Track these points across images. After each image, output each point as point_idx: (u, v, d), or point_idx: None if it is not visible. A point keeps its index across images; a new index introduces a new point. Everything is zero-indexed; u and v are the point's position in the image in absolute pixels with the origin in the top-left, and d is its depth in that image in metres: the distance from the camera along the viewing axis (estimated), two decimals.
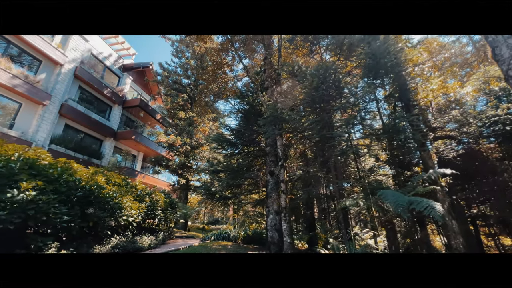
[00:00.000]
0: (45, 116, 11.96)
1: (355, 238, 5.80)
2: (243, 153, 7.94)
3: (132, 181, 7.78)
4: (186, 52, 19.27)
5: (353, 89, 5.95)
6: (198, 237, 11.09)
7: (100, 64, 16.57)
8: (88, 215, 4.90)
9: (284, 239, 5.41)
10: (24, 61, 11.93)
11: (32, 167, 4.36)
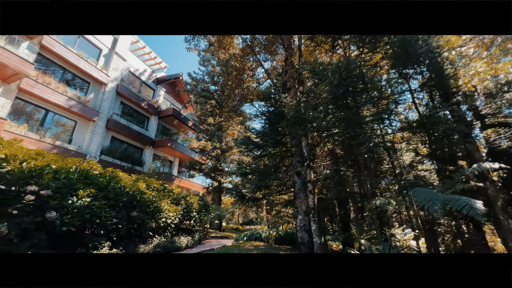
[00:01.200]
0: (95, 130, 13.59)
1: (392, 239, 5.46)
2: (269, 155, 8.05)
3: (169, 185, 8.44)
4: (212, 60, 20.14)
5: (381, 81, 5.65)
6: (232, 238, 11.49)
7: (137, 80, 18.22)
8: (133, 218, 5.50)
9: (314, 239, 5.36)
10: (76, 84, 13.74)
11: (86, 177, 5.06)
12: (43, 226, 3.84)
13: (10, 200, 3.54)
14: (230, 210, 18.91)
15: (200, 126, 19.73)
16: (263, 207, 16.90)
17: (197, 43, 9.39)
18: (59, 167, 4.58)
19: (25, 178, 3.78)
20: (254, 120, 13.59)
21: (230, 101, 13.42)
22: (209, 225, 15.44)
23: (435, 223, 5.13)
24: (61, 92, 11.90)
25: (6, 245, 3.35)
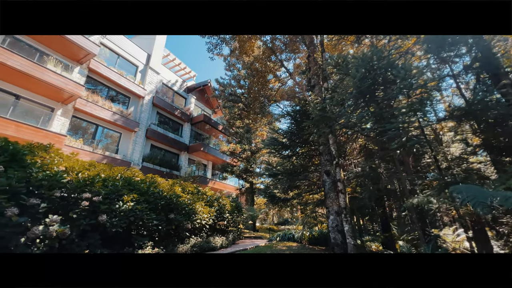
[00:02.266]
0: (137, 140, 14.97)
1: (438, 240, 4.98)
2: (297, 155, 7.96)
3: (203, 188, 8.92)
4: (237, 63, 20.63)
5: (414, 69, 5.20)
6: (265, 238, 11.61)
7: (170, 91, 19.55)
8: (171, 220, 5.95)
9: (348, 240, 5.16)
10: (119, 100, 15.32)
11: (129, 183, 5.64)
12: (97, 227, 4.41)
13: (71, 206, 4.15)
14: (263, 211, 19.08)
15: (230, 130, 20.34)
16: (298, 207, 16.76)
17: (219, 50, 9.75)
18: (107, 175, 5.20)
19: (81, 187, 4.39)
20: (280, 121, 13.56)
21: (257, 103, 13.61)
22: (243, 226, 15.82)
23: (484, 224, 4.53)
24: (107, 108, 13.40)
25: (69, 244, 3.94)
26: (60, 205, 3.98)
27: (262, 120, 16.14)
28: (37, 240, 3.50)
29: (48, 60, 10.83)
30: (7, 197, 3.28)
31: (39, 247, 3.49)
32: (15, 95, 10.04)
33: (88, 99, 12.51)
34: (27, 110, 10.25)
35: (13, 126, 8.59)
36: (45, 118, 10.58)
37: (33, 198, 3.58)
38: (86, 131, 13.14)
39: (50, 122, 10.68)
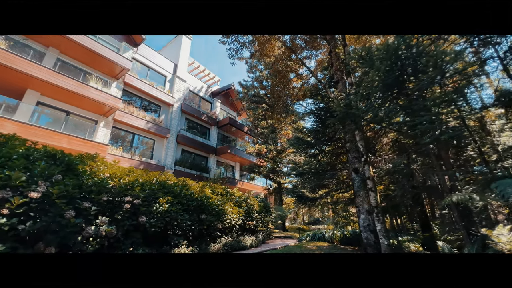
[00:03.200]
0: (169, 145, 15.95)
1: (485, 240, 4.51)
2: (323, 153, 7.81)
3: (232, 189, 9.20)
4: (259, 65, 20.83)
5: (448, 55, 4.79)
6: (295, 238, 11.55)
7: (196, 97, 20.46)
8: (202, 220, 6.29)
9: (381, 240, 4.94)
10: (151, 109, 16.49)
11: (164, 186, 6.09)
12: (138, 227, 4.87)
13: (116, 208, 4.65)
14: (292, 210, 18.94)
15: (255, 131, 20.60)
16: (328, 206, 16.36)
17: (240, 55, 9.99)
18: (144, 180, 5.69)
19: (123, 191, 4.88)
20: (305, 119, 13.38)
21: (280, 102, 13.61)
22: (272, 226, 15.90)
23: None
24: (141, 117, 14.52)
25: (116, 242, 4.41)
26: (107, 208, 4.48)
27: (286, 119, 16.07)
28: (91, 239, 4.00)
29: (91, 78, 12.12)
30: (66, 202, 3.80)
31: (93, 244, 3.98)
32: (66, 112, 11.43)
33: (125, 110, 13.70)
34: (76, 124, 11.59)
35: (66, 139, 9.79)
36: (90, 130, 11.86)
37: (85, 202, 4.10)
38: (125, 139, 14.40)
39: (95, 134, 11.94)
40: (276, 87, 12.83)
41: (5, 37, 9.94)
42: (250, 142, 23.74)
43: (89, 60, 12.41)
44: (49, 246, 3.49)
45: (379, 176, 5.95)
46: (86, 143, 10.35)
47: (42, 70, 9.86)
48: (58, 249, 3.60)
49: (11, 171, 3.42)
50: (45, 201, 3.62)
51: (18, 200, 3.25)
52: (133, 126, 14.06)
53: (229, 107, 23.71)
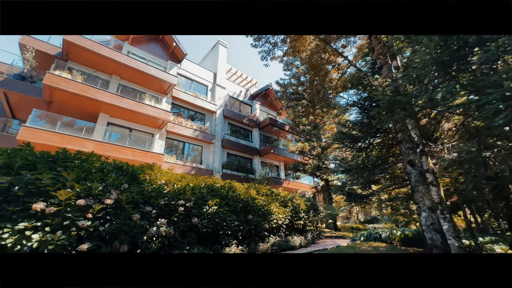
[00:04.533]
0: (215, 150, 16.95)
1: None
2: (371, 146, 7.18)
3: (277, 189, 9.26)
4: (295, 61, 20.43)
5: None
6: (348, 237, 10.90)
7: (236, 101, 21.24)
8: (249, 220, 6.50)
9: (449, 241, 4.27)
10: (197, 118, 17.80)
11: (212, 189, 6.52)
12: (192, 228, 5.33)
13: (172, 211, 5.19)
14: (343, 208, 17.91)
15: (296, 128, 20.24)
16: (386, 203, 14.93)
17: (272, 55, 9.97)
18: (194, 185, 6.19)
19: (176, 195, 5.42)
20: (347, 112, 12.50)
21: (319, 96, 13.10)
22: (322, 225, 15.34)
23: None
24: (189, 127, 15.82)
25: (174, 242, 4.92)
26: (164, 211, 5.04)
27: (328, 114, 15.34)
28: (153, 238, 4.56)
29: (145, 97, 13.79)
30: (132, 206, 4.44)
31: (156, 243, 4.53)
32: (129, 128, 13.27)
33: (175, 122, 15.15)
34: (137, 138, 13.34)
35: (130, 152, 11.36)
36: (149, 142, 13.48)
37: (147, 206, 4.70)
38: (177, 148, 15.90)
39: (152, 145, 13.52)
40: (314, 81, 12.40)
41: (80, 72, 12.10)
42: (293, 141, 23.42)
43: (142, 81, 14.16)
44: (122, 244, 4.12)
45: (443, 167, 5.16)
46: (146, 154, 11.80)
47: (109, 95, 11.68)
48: (130, 247, 4.21)
49: (91, 182, 4.16)
50: (117, 206, 4.28)
51: (98, 206, 3.93)
52: (183, 135, 15.43)
53: (269, 107, 23.87)
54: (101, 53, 12.12)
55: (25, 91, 11.38)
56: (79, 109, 11.83)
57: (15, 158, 3.80)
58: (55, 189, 3.69)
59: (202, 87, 18.69)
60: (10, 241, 3.10)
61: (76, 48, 11.67)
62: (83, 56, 12.21)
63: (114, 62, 12.64)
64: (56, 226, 3.53)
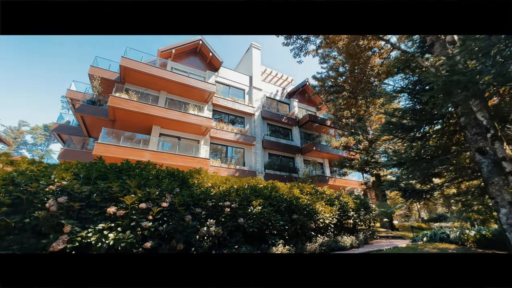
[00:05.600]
0: (256, 152, 17.28)
1: None
2: (428, 135, 6.34)
3: (323, 187, 8.94)
4: (331, 52, 19.42)
5: None
6: (407, 238, 9.82)
7: (273, 101, 21.28)
8: (295, 220, 6.44)
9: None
10: (237, 121, 18.44)
11: (255, 190, 6.69)
12: (238, 228, 5.55)
13: (219, 212, 5.50)
14: (400, 205, 16.19)
15: (339, 123, 19.17)
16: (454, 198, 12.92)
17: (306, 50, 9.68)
18: (238, 186, 6.45)
19: (222, 197, 5.73)
20: (395, 100, 11.26)
21: (362, 86, 12.20)
22: (377, 224, 14.14)
23: None
24: (230, 131, 16.50)
25: (223, 241, 5.21)
26: (212, 212, 5.38)
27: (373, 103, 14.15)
28: (205, 237, 4.91)
29: (189, 107, 14.94)
30: (184, 208, 4.87)
31: (207, 242, 4.87)
32: (177, 137, 14.55)
33: (217, 127, 16.00)
34: (185, 145, 14.53)
35: (180, 158, 12.44)
36: (195, 149, 14.54)
37: (197, 208, 5.10)
38: (221, 151, 16.75)
39: (199, 151, 14.55)
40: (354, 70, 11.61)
41: (135, 92, 13.81)
42: (336, 136, 22.26)
43: (185, 93, 15.38)
44: (179, 242, 4.55)
45: None
46: (194, 160, 12.76)
47: (159, 109, 13.04)
48: (185, 245, 4.63)
49: (150, 188, 4.72)
50: (172, 209, 4.75)
51: (156, 209, 4.44)
52: (225, 139, 16.18)
53: (307, 103, 23.23)
54: (150, 72, 13.62)
55: (96, 113, 13.54)
56: (136, 124, 13.50)
57: (92, 170, 4.57)
58: (122, 195, 4.30)
59: (239, 91, 19.30)
60: (93, 239, 3.74)
61: (130, 71, 13.36)
62: (136, 77, 13.92)
63: (161, 79, 14.06)
64: (125, 226, 4.11)
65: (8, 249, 3.33)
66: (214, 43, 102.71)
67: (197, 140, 15.16)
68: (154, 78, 13.95)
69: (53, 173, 4.09)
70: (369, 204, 9.79)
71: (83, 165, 4.74)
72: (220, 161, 15.54)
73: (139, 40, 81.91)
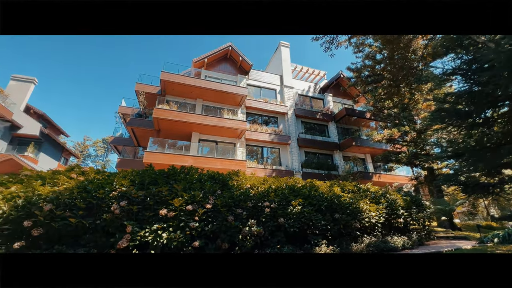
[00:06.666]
0: (292, 151, 17.08)
1: None
2: (491, 120, 5.47)
3: (366, 184, 8.42)
4: (366, 39, 18.13)
5: None
6: (473, 238, 8.59)
7: (306, 98, 20.79)
8: (337, 219, 6.20)
9: None
10: (271, 121, 18.50)
11: (293, 190, 6.64)
12: (279, 228, 5.58)
13: (259, 212, 5.61)
14: (460, 202, 14.24)
15: (380, 114, 17.77)
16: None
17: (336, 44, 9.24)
18: (276, 186, 6.49)
19: (261, 197, 5.83)
20: (445, 84, 9.94)
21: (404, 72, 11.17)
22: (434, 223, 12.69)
23: None
24: (264, 132, 16.64)
25: (265, 240, 5.29)
26: (252, 212, 5.52)
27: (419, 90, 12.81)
28: (247, 237, 5.06)
29: (223, 112, 15.54)
30: (226, 209, 5.10)
31: (250, 241, 5.01)
32: (215, 142, 15.25)
33: (251, 129, 16.30)
34: (223, 149, 15.14)
35: (218, 162, 13.01)
36: (232, 151, 15.04)
37: (238, 209, 5.29)
38: (257, 153, 17.00)
39: (235, 153, 15.02)
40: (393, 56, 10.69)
41: (174, 102, 14.92)
42: (379, 128, 20.66)
43: (219, 98, 16.05)
44: (223, 242, 4.79)
45: None
46: (231, 162, 13.21)
47: (197, 117, 13.87)
48: (229, 244, 4.84)
49: (194, 191, 5.07)
50: (215, 210, 5.02)
51: (201, 210, 4.75)
52: (260, 140, 16.38)
53: (343, 97, 22.11)
54: (187, 83, 14.59)
55: (143, 125, 15.02)
56: (178, 132, 14.58)
57: (144, 177, 5.10)
58: (171, 198, 4.71)
59: (270, 91, 19.36)
60: (150, 238, 4.18)
61: (169, 83, 14.50)
62: (174, 88, 15.05)
63: (197, 88, 14.93)
64: (176, 226, 4.49)
65: (85, 247, 3.94)
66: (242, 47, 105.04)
67: (233, 143, 15.66)
68: (191, 87, 14.89)
69: (114, 181, 4.70)
70: (422, 201, 8.86)
71: (137, 172, 5.33)
72: (257, 162, 15.78)
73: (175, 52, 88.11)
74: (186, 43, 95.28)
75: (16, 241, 3.62)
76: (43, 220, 3.81)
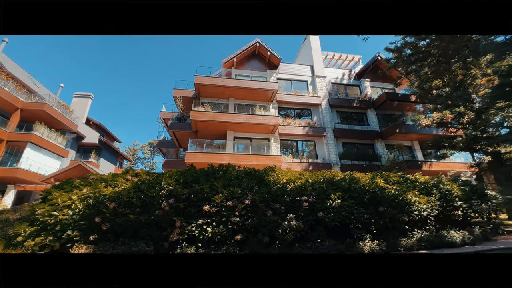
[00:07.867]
0: (328, 142, 16.48)
1: None
2: None
3: (414, 174, 7.74)
4: None
5: None
6: None
7: (340, 86, 19.73)
8: (382, 213, 5.84)
9: None
10: (304, 114, 18.08)
11: (332, 183, 6.44)
12: (319, 222, 5.50)
13: (297, 207, 5.61)
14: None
15: (427, 96, 15.91)
16: None
17: None
18: (313, 180, 6.38)
19: (298, 192, 5.81)
20: (508, 55, 8.31)
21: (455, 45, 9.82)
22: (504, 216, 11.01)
23: None
24: (298, 125, 16.36)
25: (305, 234, 5.28)
26: (290, 207, 5.54)
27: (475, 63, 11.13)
28: (287, 231, 5.12)
29: (255, 108, 15.71)
30: (264, 204, 5.23)
31: (290, 235, 5.06)
32: (249, 139, 15.56)
33: (284, 124, 16.18)
34: (257, 145, 15.38)
35: (254, 158, 13.27)
36: (267, 147, 15.17)
37: (276, 204, 5.37)
38: (291, 147, 16.84)
39: (270, 149, 15.11)
40: None
41: (209, 104, 15.61)
42: (427, 111, 18.55)
43: (251, 96, 16.26)
44: (264, 236, 4.93)
45: None
46: (266, 157, 13.35)
47: (230, 116, 14.32)
48: (269, 238, 4.97)
49: (233, 187, 5.30)
50: (254, 205, 5.19)
51: (240, 206, 4.96)
52: (293, 134, 16.18)
53: (381, 81, 20.38)
54: (219, 83, 15.12)
55: (182, 128, 16.09)
56: (213, 131, 15.27)
57: (188, 176, 5.53)
58: (212, 195, 5.02)
59: (301, 83, 18.88)
60: (196, 232, 4.54)
61: (203, 86, 15.21)
62: (208, 90, 15.74)
63: (228, 87, 15.38)
64: (218, 221, 4.79)
65: (143, 239, 4.47)
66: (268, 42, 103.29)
67: (267, 138, 15.77)
68: (222, 88, 15.40)
69: (162, 181, 5.19)
70: (486, 190, 7.75)
71: (181, 172, 5.79)
72: (292, 156, 15.65)
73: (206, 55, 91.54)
74: (217, 44, 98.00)
75: (91, 234, 4.30)
76: (109, 217, 4.44)
